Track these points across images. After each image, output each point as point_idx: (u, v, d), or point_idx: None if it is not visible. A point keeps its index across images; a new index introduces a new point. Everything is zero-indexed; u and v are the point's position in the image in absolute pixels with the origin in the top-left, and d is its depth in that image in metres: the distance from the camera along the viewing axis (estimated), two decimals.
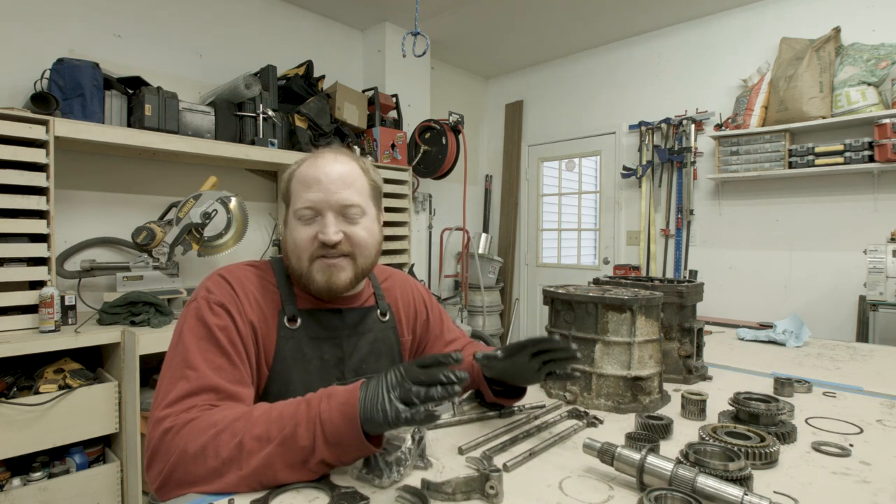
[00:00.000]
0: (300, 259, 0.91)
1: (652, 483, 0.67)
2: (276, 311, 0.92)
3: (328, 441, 0.67)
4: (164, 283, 2.35)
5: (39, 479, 1.78)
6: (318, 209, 0.90)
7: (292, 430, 0.68)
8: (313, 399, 0.71)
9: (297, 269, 0.92)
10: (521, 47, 4.22)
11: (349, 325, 0.99)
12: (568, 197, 4.64)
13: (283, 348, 0.90)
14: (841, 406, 1.09)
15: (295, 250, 0.91)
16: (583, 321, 1.09)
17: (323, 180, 0.90)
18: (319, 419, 0.68)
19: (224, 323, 0.83)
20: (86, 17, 2.48)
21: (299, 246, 0.90)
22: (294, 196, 0.93)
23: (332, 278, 0.91)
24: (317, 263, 0.91)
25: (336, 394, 0.70)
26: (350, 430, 0.67)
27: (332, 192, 0.90)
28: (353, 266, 0.93)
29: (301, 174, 0.93)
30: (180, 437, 0.70)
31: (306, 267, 0.91)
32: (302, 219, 0.91)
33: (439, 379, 0.67)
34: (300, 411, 0.70)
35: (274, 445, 0.67)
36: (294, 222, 0.92)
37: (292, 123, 2.83)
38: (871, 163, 2.79)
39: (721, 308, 3.51)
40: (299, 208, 0.90)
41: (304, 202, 0.90)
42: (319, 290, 0.92)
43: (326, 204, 0.90)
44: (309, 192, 0.90)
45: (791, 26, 3.21)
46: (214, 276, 0.91)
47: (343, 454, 0.68)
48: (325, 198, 0.90)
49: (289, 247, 0.93)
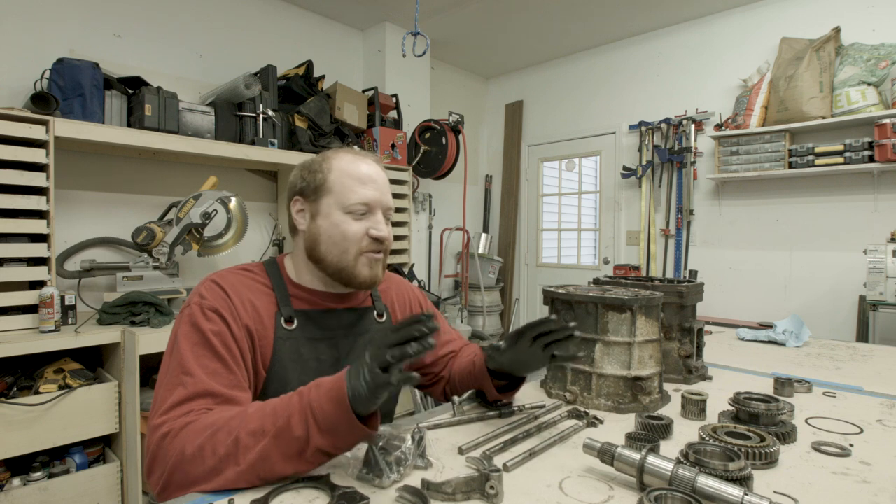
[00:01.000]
0: (346, 252, 0.92)
1: (652, 483, 0.67)
2: (272, 312, 0.92)
3: (321, 428, 0.68)
4: (164, 283, 2.35)
5: (39, 479, 1.77)
6: (372, 206, 0.94)
7: (286, 421, 0.68)
8: (304, 390, 0.72)
9: (340, 262, 0.93)
10: (521, 47, 4.22)
11: (346, 325, 0.99)
12: (568, 197, 4.64)
13: (280, 349, 0.90)
14: (841, 406, 1.09)
15: (342, 243, 0.92)
16: (583, 321, 1.09)
17: (377, 180, 0.96)
18: (310, 407, 0.69)
19: (218, 328, 0.83)
20: (86, 17, 2.48)
21: (349, 239, 0.92)
22: (343, 188, 0.93)
23: (377, 272, 0.96)
24: (363, 258, 0.94)
25: (324, 382, 0.72)
26: (341, 414, 0.67)
27: (383, 192, 0.96)
28: (385, 262, 0.99)
29: (350, 169, 0.94)
30: (178, 440, 0.71)
31: (353, 260, 0.93)
32: (353, 213, 0.93)
33: (412, 335, 0.66)
34: (292, 403, 0.71)
35: (269, 438, 0.68)
36: (341, 215, 0.93)
37: (292, 123, 2.83)
38: (871, 163, 2.78)
39: (721, 308, 3.51)
40: (354, 203, 0.92)
41: (361, 197, 0.93)
42: (363, 284, 0.95)
43: (380, 203, 0.95)
44: (365, 189, 0.93)
45: (791, 26, 3.21)
46: (207, 281, 0.91)
47: (338, 440, 0.69)
48: (380, 197, 0.95)
49: (331, 238, 0.93)
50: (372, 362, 0.67)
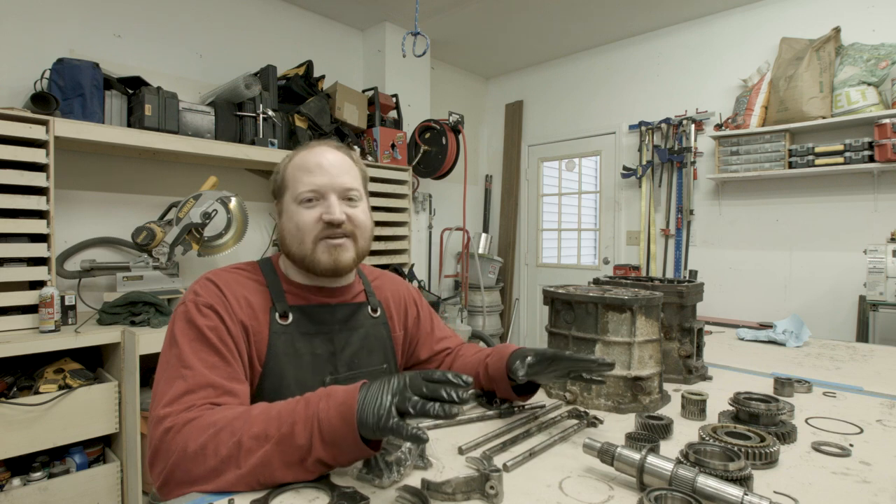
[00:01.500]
0: (303, 242, 0.92)
1: (652, 483, 0.67)
2: (266, 308, 0.92)
3: (325, 440, 0.67)
4: (164, 283, 2.35)
5: (39, 479, 1.77)
6: (321, 192, 0.93)
7: (290, 428, 0.68)
8: (312, 398, 0.71)
9: (300, 253, 0.93)
10: (521, 47, 4.22)
11: (340, 319, 0.99)
12: (568, 197, 4.64)
13: (275, 344, 0.91)
14: (841, 406, 1.09)
15: (297, 234, 0.92)
16: (583, 321, 1.09)
17: (325, 164, 0.94)
18: (317, 418, 0.68)
19: (213, 323, 0.84)
20: (86, 17, 2.48)
21: (303, 229, 0.92)
22: (294, 182, 0.94)
23: (339, 257, 0.93)
24: (321, 244, 0.93)
25: (335, 393, 0.69)
26: (347, 431, 0.66)
27: (333, 175, 0.94)
28: (355, 247, 0.96)
29: (299, 162, 0.95)
30: (181, 436, 0.71)
31: (310, 249, 0.92)
32: (304, 202, 0.93)
33: (441, 396, 0.64)
34: (298, 410, 0.69)
35: (272, 444, 0.67)
36: (294, 207, 0.93)
37: (292, 123, 2.83)
38: (871, 163, 2.78)
39: (721, 308, 3.51)
40: (302, 192, 0.92)
41: (308, 185, 0.92)
42: (325, 270, 0.94)
43: (330, 186, 0.93)
44: (312, 177, 0.93)
45: (791, 26, 3.21)
46: (202, 279, 0.92)
47: (340, 455, 0.68)
48: (329, 181, 0.93)
49: (289, 232, 0.94)
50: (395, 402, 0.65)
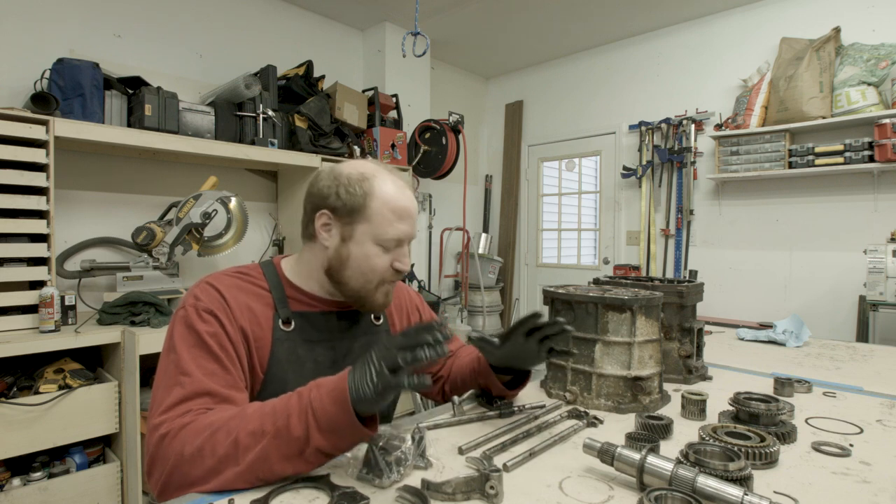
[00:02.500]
0: (369, 281, 0.93)
1: (652, 483, 0.67)
2: (269, 314, 0.91)
3: (321, 428, 0.68)
4: (164, 283, 2.35)
5: (39, 479, 1.77)
6: (402, 241, 0.94)
7: (285, 421, 0.68)
8: (303, 390, 0.72)
9: (360, 289, 0.93)
10: (521, 47, 4.22)
11: (343, 327, 0.99)
12: (568, 197, 4.64)
13: (277, 351, 0.90)
14: (841, 406, 1.09)
15: (368, 273, 0.92)
16: (583, 321, 1.09)
17: (413, 214, 0.95)
18: (311, 407, 0.69)
19: (214, 329, 0.83)
20: (86, 17, 2.48)
21: (376, 271, 0.92)
22: (382, 221, 0.90)
23: (391, 299, 0.98)
24: (383, 287, 0.95)
25: (325, 382, 0.72)
26: (342, 414, 0.67)
27: (414, 226, 0.96)
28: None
29: (394, 201, 0.91)
30: (177, 440, 0.71)
31: (373, 289, 0.94)
32: (385, 245, 0.92)
33: (425, 340, 0.67)
34: (292, 403, 0.71)
35: (268, 438, 0.68)
36: (373, 247, 0.91)
37: (292, 123, 2.83)
38: (871, 163, 2.78)
39: (721, 308, 3.51)
40: (391, 238, 0.91)
41: (398, 233, 0.91)
42: (376, 309, 0.98)
43: (409, 237, 0.95)
44: (402, 224, 0.92)
45: (791, 26, 3.21)
46: (202, 283, 0.90)
47: (338, 440, 0.69)
48: (412, 232, 0.95)
49: (358, 267, 0.92)
50: (381, 364, 0.67)
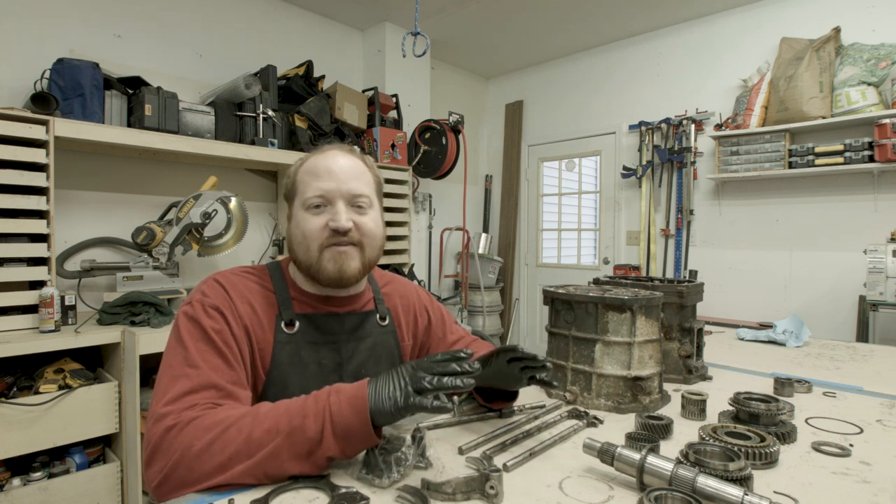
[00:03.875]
0: (309, 249, 0.90)
1: (652, 483, 0.67)
2: (272, 315, 0.91)
3: (336, 434, 0.69)
4: (164, 283, 2.35)
5: (39, 479, 1.77)
6: (329, 198, 0.91)
7: (300, 421, 0.69)
8: (321, 394, 0.73)
9: (306, 260, 0.91)
10: (521, 47, 4.22)
11: (348, 329, 0.98)
12: (568, 197, 4.64)
13: (280, 353, 0.90)
14: (841, 406, 1.09)
15: (304, 241, 0.91)
16: (583, 321, 1.09)
17: (334, 169, 0.92)
18: (329, 411, 0.70)
19: (219, 326, 0.83)
20: (86, 17, 2.48)
21: (308, 236, 0.90)
22: (302, 187, 0.93)
23: (343, 266, 0.91)
24: (327, 252, 0.90)
25: (344, 389, 0.73)
26: (359, 423, 0.69)
27: (342, 181, 0.91)
28: (362, 256, 0.94)
29: (310, 166, 0.93)
30: (184, 434, 0.70)
31: (316, 257, 0.90)
32: (311, 208, 0.91)
33: (453, 369, 0.70)
34: (308, 404, 0.72)
35: (282, 436, 0.68)
36: (302, 213, 0.92)
37: (292, 123, 2.83)
38: (871, 163, 2.78)
39: (721, 308, 3.51)
40: (309, 197, 0.91)
41: (315, 191, 0.90)
42: (330, 279, 0.91)
43: (338, 192, 0.91)
44: (320, 182, 0.91)
45: (791, 26, 3.21)
46: (209, 280, 0.91)
47: (348, 447, 0.70)
48: (337, 186, 0.91)
49: (296, 238, 0.92)
50: (407, 382, 0.70)
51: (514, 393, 1.00)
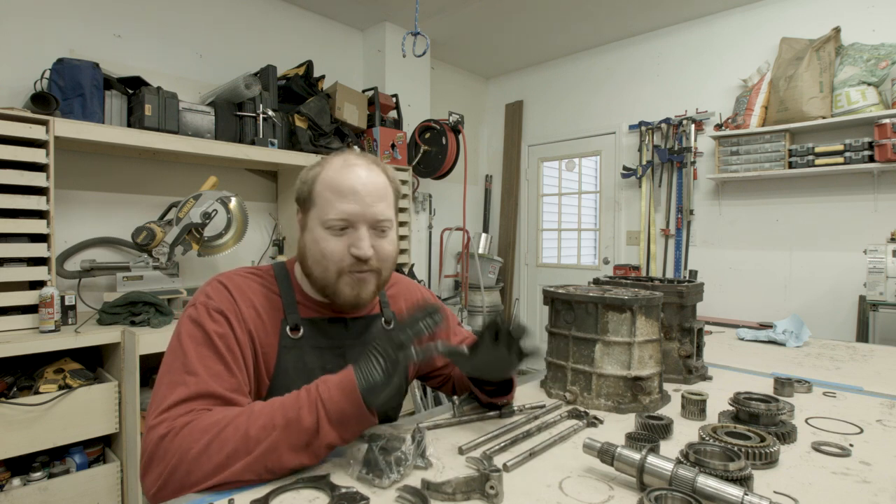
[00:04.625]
0: (327, 270, 0.88)
1: (652, 483, 0.67)
2: (277, 320, 0.90)
3: (331, 419, 0.71)
4: (164, 283, 2.35)
5: (39, 479, 1.77)
6: (352, 221, 0.87)
7: (296, 413, 0.71)
8: (310, 387, 0.75)
9: (322, 280, 0.89)
10: (521, 47, 4.22)
11: (353, 334, 0.97)
12: (568, 197, 4.63)
13: (284, 358, 0.89)
14: (841, 406, 1.09)
15: (322, 261, 0.88)
16: (583, 321, 1.09)
17: (360, 191, 0.87)
18: (320, 399, 0.71)
19: (223, 330, 0.82)
20: (86, 17, 2.48)
21: (328, 257, 0.87)
22: (323, 203, 0.88)
23: (361, 292, 0.90)
24: (346, 277, 0.88)
25: (331, 377, 0.75)
26: (351, 404, 0.71)
27: (367, 204, 0.87)
28: (377, 279, 0.92)
29: (333, 180, 0.88)
30: (179, 439, 0.70)
31: (334, 279, 0.88)
32: (332, 229, 0.87)
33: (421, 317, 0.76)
34: (301, 397, 0.73)
35: (279, 430, 0.69)
36: (321, 231, 0.88)
37: (292, 123, 2.83)
38: (871, 163, 2.78)
39: (721, 308, 3.51)
40: (332, 219, 0.86)
41: (339, 213, 0.86)
42: (346, 304, 0.90)
43: (362, 217, 0.87)
44: (344, 203, 0.86)
45: (791, 26, 3.21)
46: (214, 282, 0.89)
47: (345, 431, 0.72)
48: (361, 211, 0.87)
49: (313, 255, 0.89)
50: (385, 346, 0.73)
51: (510, 382, 0.99)
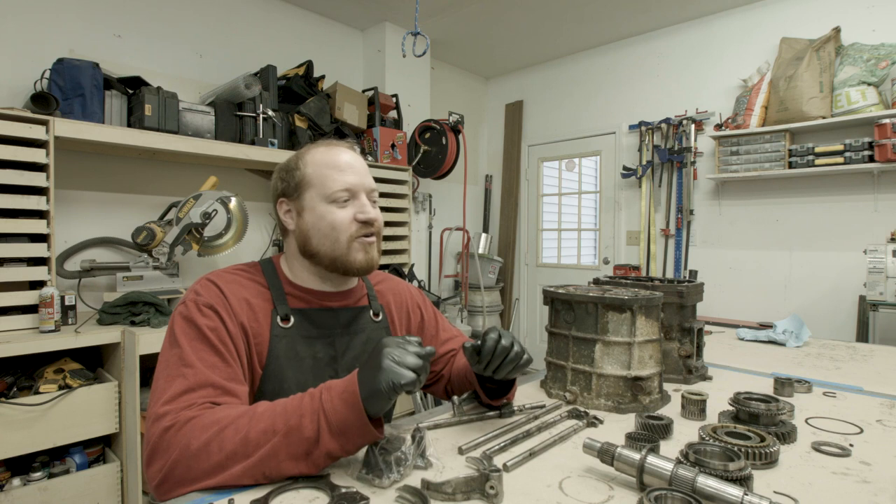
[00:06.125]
0: (338, 241, 0.93)
1: (652, 483, 0.67)
2: (267, 311, 0.92)
3: (332, 430, 0.69)
4: (164, 283, 2.35)
5: (39, 479, 1.77)
6: (354, 191, 0.95)
7: (297, 420, 0.69)
8: (314, 392, 0.74)
9: (333, 252, 0.94)
10: (521, 47, 4.22)
11: (342, 323, 0.99)
12: (568, 197, 4.64)
13: (276, 347, 0.90)
14: (841, 406, 1.09)
15: (332, 233, 0.93)
16: (583, 321, 1.09)
17: (355, 165, 0.97)
18: (322, 409, 0.70)
19: (214, 324, 0.84)
20: (86, 17, 2.48)
21: (338, 227, 0.93)
22: (323, 179, 0.94)
23: (373, 255, 0.97)
24: (356, 243, 0.94)
25: (334, 385, 0.73)
26: (353, 416, 0.69)
27: (363, 175, 0.97)
28: (378, 245, 1.00)
29: (328, 159, 0.96)
30: (182, 433, 0.71)
31: (345, 247, 0.94)
32: (338, 201, 0.94)
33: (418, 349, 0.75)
34: (304, 403, 0.72)
35: (279, 437, 0.68)
36: (326, 206, 0.94)
37: (292, 123, 2.83)
38: (871, 163, 2.78)
39: (721, 308, 3.51)
40: (337, 190, 0.93)
41: (342, 184, 0.94)
42: (360, 268, 0.96)
43: (361, 186, 0.96)
44: (344, 175, 0.94)
45: (791, 26, 3.21)
46: (203, 279, 0.92)
47: (347, 442, 0.70)
48: (361, 181, 0.96)
49: (322, 231, 0.93)
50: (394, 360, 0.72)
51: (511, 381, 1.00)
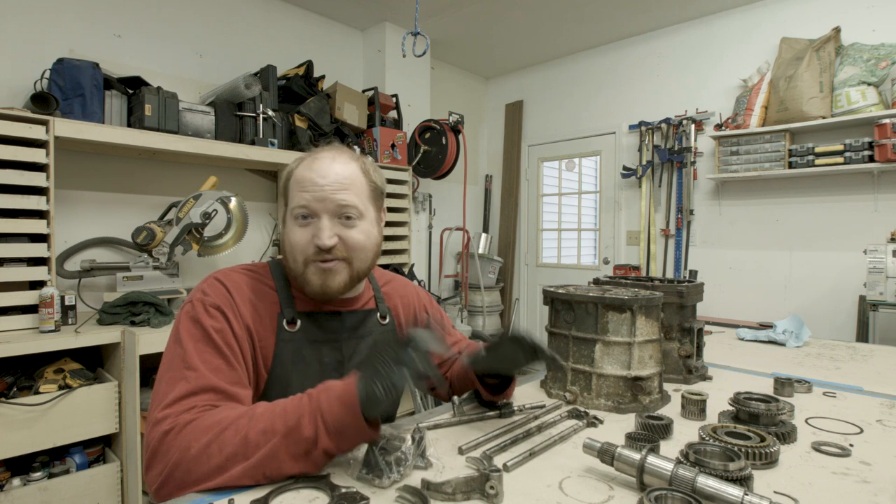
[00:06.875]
0: (296, 261, 0.91)
1: (652, 483, 0.67)
2: (274, 314, 0.91)
3: (329, 431, 0.69)
4: (164, 283, 2.35)
5: (39, 479, 1.77)
6: (312, 211, 0.89)
7: (296, 421, 0.69)
8: (313, 392, 0.73)
9: (293, 270, 0.92)
10: (521, 47, 4.22)
11: (349, 328, 0.98)
12: (568, 197, 4.64)
13: (281, 351, 0.90)
14: (841, 406, 1.09)
15: (291, 252, 0.91)
16: (583, 321, 1.09)
17: (319, 182, 0.89)
18: (320, 411, 0.70)
19: (220, 325, 0.83)
20: (86, 17, 2.48)
21: (295, 248, 0.90)
22: (291, 196, 0.92)
23: (327, 282, 0.90)
24: (312, 266, 0.90)
25: (334, 386, 0.73)
26: (350, 417, 0.69)
27: (328, 193, 0.88)
28: (349, 269, 0.92)
29: (299, 174, 0.92)
30: (181, 437, 0.70)
31: (301, 269, 0.91)
32: (297, 219, 0.90)
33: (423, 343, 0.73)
34: (303, 403, 0.72)
35: (279, 437, 0.68)
36: (291, 222, 0.91)
37: (292, 123, 2.83)
38: (871, 163, 2.78)
39: (721, 308, 3.51)
40: (294, 207, 0.90)
41: (299, 201, 0.89)
42: (314, 293, 0.92)
43: (322, 206, 0.89)
44: (304, 193, 0.89)
45: (791, 26, 3.21)
46: (210, 278, 0.91)
47: (344, 442, 0.70)
48: (320, 200, 0.88)
49: (286, 247, 0.93)
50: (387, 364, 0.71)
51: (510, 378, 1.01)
